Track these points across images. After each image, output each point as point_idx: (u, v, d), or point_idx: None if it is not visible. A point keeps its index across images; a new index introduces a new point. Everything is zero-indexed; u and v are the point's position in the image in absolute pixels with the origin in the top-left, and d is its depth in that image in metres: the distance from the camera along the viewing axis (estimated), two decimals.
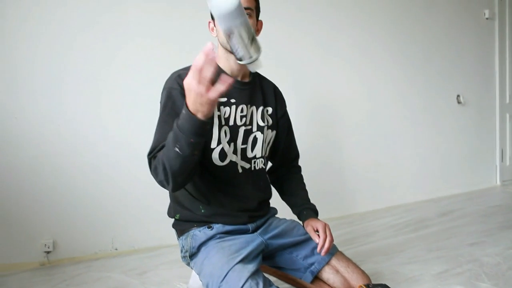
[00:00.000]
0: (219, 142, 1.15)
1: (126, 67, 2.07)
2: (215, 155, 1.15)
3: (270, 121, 1.30)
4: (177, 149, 0.92)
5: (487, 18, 3.36)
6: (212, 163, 1.16)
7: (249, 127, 1.23)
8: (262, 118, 1.26)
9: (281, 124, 1.35)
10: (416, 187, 3.06)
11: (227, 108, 1.18)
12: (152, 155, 1.07)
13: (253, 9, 1.17)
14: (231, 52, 1.14)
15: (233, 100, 1.19)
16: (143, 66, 2.09)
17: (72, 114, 1.97)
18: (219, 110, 1.16)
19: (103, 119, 2.03)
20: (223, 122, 1.17)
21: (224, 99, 1.17)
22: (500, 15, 3.44)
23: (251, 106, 1.24)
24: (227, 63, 1.20)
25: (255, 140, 1.24)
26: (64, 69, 1.95)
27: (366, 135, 2.81)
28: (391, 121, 2.93)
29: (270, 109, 1.30)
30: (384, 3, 2.85)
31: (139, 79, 2.08)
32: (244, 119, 1.21)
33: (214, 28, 1.20)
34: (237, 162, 1.20)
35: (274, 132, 1.32)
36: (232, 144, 1.18)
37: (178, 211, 1.23)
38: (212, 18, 1.19)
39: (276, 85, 1.39)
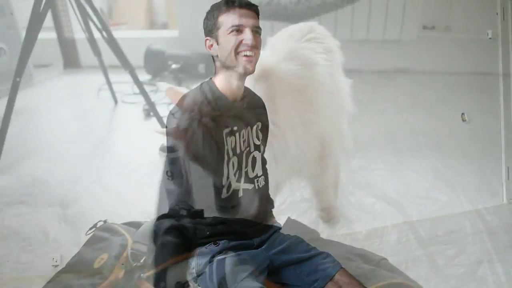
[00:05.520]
0: (227, 177, 1.17)
1: None
2: (224, 192, 1.17)
3: (261, 136, 1.30)
4: None
5: (490, 38, 3.40)
6: (219, 198, 1.18)
7: (248, 148, 1.24)
8: (257, 136, 1.27)
9: (265, 132, 1.34)
10: (421, 205, 3.04)
11: (233, 137, 1.18)
12: None
13: (261, 28, 1.17)
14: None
15: (235, 128, 1.19)
16: None
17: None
18: (227, 143, 1.16)
19: None
20: (231, 154, 1.17)
21: (229, 129, 1.17)
22: (503, 35, 3.49)
23: (247, 127, 1.24)
24: (227, 83, 1.17)
25: (253, 160, 1.25)
26: None
27: (371, 151, 2.83)
28: (396, 137, 2.95)
29: (259, 124, 1.29)
30: None
31: None
32: (245, 142, 1.22)
33: (212, 45, 1.16)
34: (238, 188, 1.21)
35: (264, 144, 1.32)
36: (238, 172, 1.19)
37: None
38: (210, 35, 1.16)
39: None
